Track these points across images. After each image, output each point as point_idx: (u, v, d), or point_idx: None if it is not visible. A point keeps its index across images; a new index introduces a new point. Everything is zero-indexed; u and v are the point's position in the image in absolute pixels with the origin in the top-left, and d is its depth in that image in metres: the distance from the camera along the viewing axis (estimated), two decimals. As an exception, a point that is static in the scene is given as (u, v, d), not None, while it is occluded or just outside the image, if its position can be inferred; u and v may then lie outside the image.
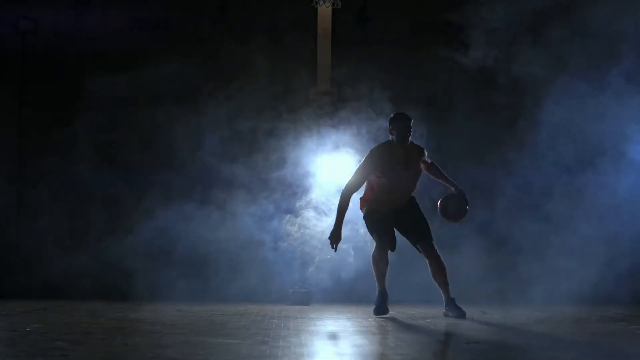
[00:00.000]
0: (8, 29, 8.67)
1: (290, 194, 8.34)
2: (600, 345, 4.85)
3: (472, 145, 8.61)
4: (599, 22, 8.06)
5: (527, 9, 8.41)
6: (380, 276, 6.55)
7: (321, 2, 8.27)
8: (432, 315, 6.52)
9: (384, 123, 8.30)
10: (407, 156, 6.58)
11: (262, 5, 8.72)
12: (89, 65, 8.64)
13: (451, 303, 6.50)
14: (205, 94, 8.54)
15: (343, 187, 6.55)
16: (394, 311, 6.87)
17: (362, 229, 7.85)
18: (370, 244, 6.82)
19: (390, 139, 6.61)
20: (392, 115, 6.69)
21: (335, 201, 6.81)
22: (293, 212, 8.18)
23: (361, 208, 6.68)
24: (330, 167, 8.13)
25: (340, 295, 8.10)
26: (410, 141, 6.63)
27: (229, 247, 8.42)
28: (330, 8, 8.29)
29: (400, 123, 6.54)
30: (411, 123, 6.57)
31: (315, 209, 7.99)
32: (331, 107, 8.32)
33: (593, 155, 8.32)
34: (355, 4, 8.73)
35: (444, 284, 6.56)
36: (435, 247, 6.62)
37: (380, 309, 6.51)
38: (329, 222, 7.15)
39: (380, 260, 6.52)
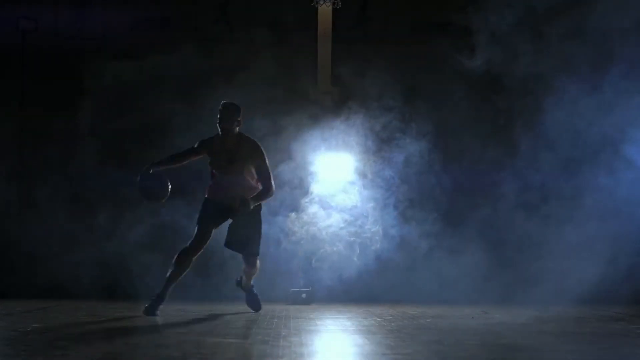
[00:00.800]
0: (8, 29, 8.67)
1: (292, 190, 8.32)
2: (600, 345, 4.85)
3: (473, 144, 8.60)
4: (600, 21, 8.07)
5: (527, 8, 8.42)
6: (174, 279, 6.34)
7: (322, 2, 8.27)
8: (432, 315, 6.52)
9: (385, 122, 8.33)
10: (233, 149, 6.44)
11: (262, 5, 8.72)
12: (89, 64, 8.64)
13: (252, 294, 6.81)
14: (207, 93, 8.53)
15: None
16: (394, 311, 6.87)
17: (368, 225, 7.87)
18: (377, 239, 6.80)
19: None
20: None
21: (338, 197, 6.80)
22: (297, 208, 8.18)
23: (206, 194, 6.66)
24: (332, 164, 8.13)
25: (341, 294, 8.10)
26: (246, 136, 6.53)
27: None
28: (330, 8, 8.29)
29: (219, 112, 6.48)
30: (226, 111, 6.40)
31: (320, 202, 7.97)
32: (331, 105, 8.32)
33: (594, 156, 8.32)
34: (356, 4, 8.73)
35: (248, 280, 6.76)
36: (256, 259, 6.57)
37: (151, 310, 6.25)
38: (336, 217, 7.15)
39: (185, 259, 6.37)
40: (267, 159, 6.49)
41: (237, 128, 6.49)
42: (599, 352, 4.55)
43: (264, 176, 6.45)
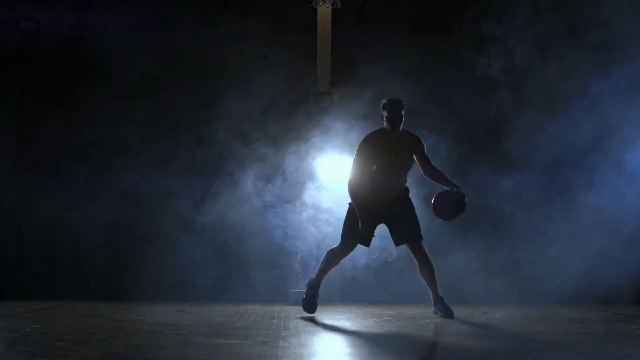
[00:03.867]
0: (9, 30, 8.67)
1: (291, 187, 8.33)
2: (600, 345, 4.85)
3: (473, 144, 8.60)
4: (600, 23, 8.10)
5: (526, 8, 8.43)
6: (324, 272, 6.48)
7: (321, 3, 8.27)
8: (432, 316, 6.52)
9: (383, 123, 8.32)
10: (398, 145, 6.35)
11: (262, 6, 8.72)
12: (89, 65, 8.64)
13: (439, 302, 6.38)
14: (206, 93, 8.55)
15: (349, 184, 6.34)
16: (394, 311, 6.88)
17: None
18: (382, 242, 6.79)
19: (383, 125, 6.42)
20: (384, 101, 6.44)
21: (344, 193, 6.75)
22: (301, 198, 8.18)
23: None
24: (331, 166, 8.13)
25: (340, 295, 8.11)
26: (405, 130, 6.42)
27: (229, 246, 8.44)
28: (330, 8, 8.29)
29: (391, 108, 6.32)
30: (403, 109, 6.35)
31: (324, 189, 7.98)
32: (331, 106, 8.32)
33: (597, 156, 8.33)
34: (355, 4, 8.73)
35: (431, 282, 6.41)
36: (424, 246, 6.38)
37: (310, 306, 6.47)
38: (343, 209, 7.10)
39: (337, 258, 6.42)
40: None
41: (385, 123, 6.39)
42: (599, 352, 4.55)
43: (432, 166, 6.46)
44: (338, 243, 6.46)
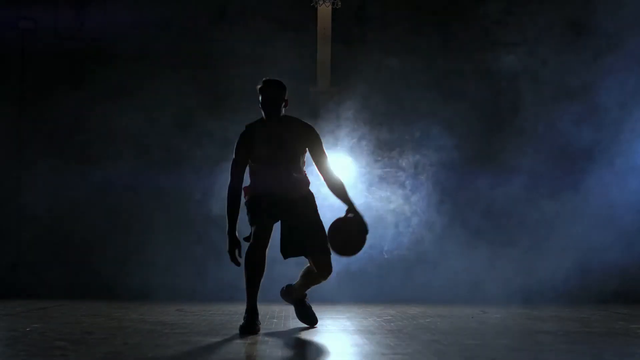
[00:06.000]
0: (8, 29, 8.67)
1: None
2: (600, 345, 4.85)
3: (471, 145, 8.60)
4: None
5: (527, 6, 8.44)
6: (253, 285, 5.27)
7: (321, 2, 8.27)
8: (432, 315, 6.52)
9: (382, 123, 8.32)
10: (281, 134, 5.35)
11: (262, 5, 8.71)
12: (89, 65, 8.63)
13: (302, 305, 5.69)
14: (206, 92, 8.54)
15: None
16: (394, 311, 6.87)
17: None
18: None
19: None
20: (259, 85, 5.39)
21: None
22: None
23: (245, 196, 5.45)
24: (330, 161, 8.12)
25: (340, 295, 8.10)
26: (295, 118, 5.49)
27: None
28: (330, 8, 8.29)
29: (263, 93, 5.32)
30: (280, 92, 5.33)
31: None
32: (331, 105, 8.32)
33: (600, 152, 8.34)
34: (355, 4, 8.73)
35: (305, 285, 5.59)
36: (329, 259, 5.34)
37: (248, 328, 5.16)
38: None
39: (256, 261, 5.22)
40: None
41: (283, 109, 5.41)
42: (599, 352, 4.55)
43: (326, 163, 5.40)
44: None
